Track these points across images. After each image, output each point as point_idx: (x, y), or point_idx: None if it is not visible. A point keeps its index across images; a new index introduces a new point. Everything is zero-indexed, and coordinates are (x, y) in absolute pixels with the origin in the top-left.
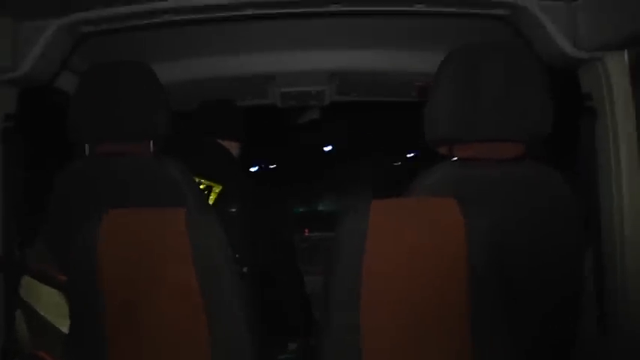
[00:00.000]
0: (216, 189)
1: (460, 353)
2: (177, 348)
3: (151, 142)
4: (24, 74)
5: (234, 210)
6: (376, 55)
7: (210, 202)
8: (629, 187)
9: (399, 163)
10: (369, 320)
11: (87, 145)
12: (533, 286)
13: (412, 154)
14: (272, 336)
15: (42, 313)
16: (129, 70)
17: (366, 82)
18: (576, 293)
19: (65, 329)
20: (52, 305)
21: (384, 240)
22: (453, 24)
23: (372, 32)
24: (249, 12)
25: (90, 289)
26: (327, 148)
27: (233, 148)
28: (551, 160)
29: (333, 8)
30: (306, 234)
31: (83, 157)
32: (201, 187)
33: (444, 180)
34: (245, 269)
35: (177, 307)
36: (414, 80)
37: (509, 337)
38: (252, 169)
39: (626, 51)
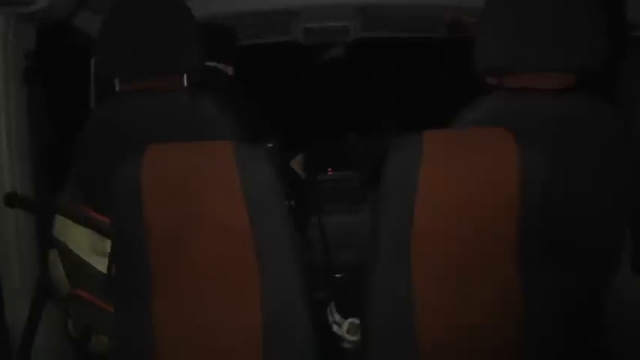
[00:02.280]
0: None
1: (508, 291)
2: (226, 285)
3: (184, 76)
4: (42, 8)
5: (271, 145)
6: None
7: None
8: None
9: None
10: (419, 254)
11: (117, 82)
12: (579, 220)
13: None
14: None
15: (77, 252)
16: (159, 3)
17: (392, 17)
18: (619, 232)
19: (101, 267)
20: (86, 244)
21: (438, 170)
22: None
23: None
24: None
25: (135, 225)
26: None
27: (228, 70)
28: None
29: None
30: (330, 173)
31: (114, 95)
32: None
33: (494, 110)
34: (293, 202)
35: (225, 242)
36: (442, 14)
37: (555, 275)
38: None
39: None
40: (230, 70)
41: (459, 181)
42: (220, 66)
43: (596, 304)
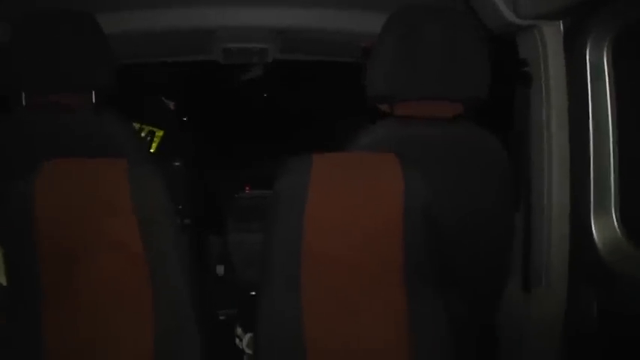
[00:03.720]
0: (159, 133)
1: (395, 309)
2: (118, 302)
3: (93, 93)
4: None
5: (178, 164)
6: (321, 13)
7: (153, 148)
8: (558, 150)
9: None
10: (308, 275)
11: (23, 95)
12: (465, 244)
13: None
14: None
15: None
16: (71, 19)
17: (311, 41)
18: (505, 253)
19: (2, 280)
20: None
21: (326, 193)
22: None
23: None
24: None
25: (25, 242)
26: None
27: (171, 105)
28: (485, 122)
29: None
30: (247, 191)
31: (19, 109)
32: (143, 134)
33: (384, 137)
34: (187, 221)
35: (117, 260)
36: (358, 40)
37: (441, 293)
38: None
39: (561, 21)
40: (172, 105)
41: (346, 203)
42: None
43: (488, 320)
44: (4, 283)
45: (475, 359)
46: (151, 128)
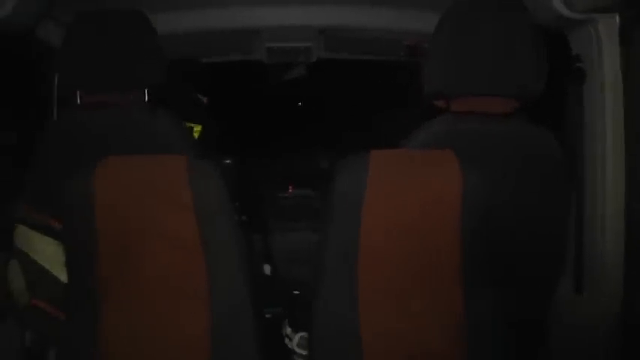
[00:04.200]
0: (197, 128)
1: (452, 311)
2: (175, 298)
3: (145, 91)
4: (3, 17)
5: (229, 161)
6: (365, 11)
7: None
8: (613, 149)
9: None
10: (364, 276)
11: (78, 95)
12: (520, 243)
13: None
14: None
15: (40, 262)
16: (123, 17)
17: (354, 40)
18: (560, 252)
19: (64, 277)
20: (49, 253)
21: (383, 192)
22: None
23: None
24: None
25: (85, 236)
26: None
27: (204, 100)
28: (541, 118)
29: None
30: (290, 190)
31: (73, 107)
32: None
33: (441, 133)
34: (244, 217)
35: (175, 255)
36: (403, 39)
37: (497, 293)
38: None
39: (617, 14)
40: (206, 100)
41: (404, 201)
42: (199, 96)
43: (538, 325)
44: (65, 280)
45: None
46: (188, 124)
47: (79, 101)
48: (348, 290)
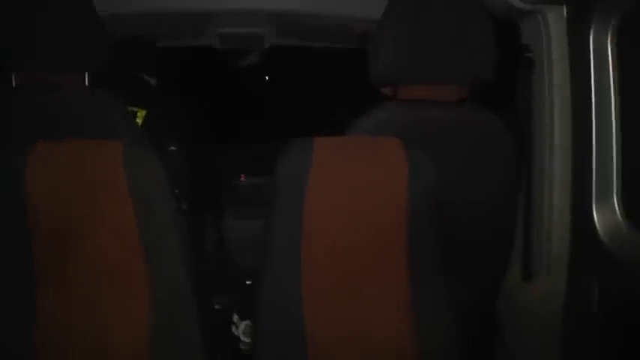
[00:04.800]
0: (141, 114)
1: (398, 294)
2: (113, 286)
3: (86, 73)
4: None
5: (173, 148)
6: None
7: None
8: (560, 136)
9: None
10: (308, 261)
11: (13, 75)
12: (469, 229)
13: None
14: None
15: None
16: None
17: (306, 26)
18: (508, 238)
19: None
20: None
21: (327, 177)
22: None
23: None
24: None
25: (16, 224)
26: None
27: (152, 81)
28: (490, 105)
29: None
30: (242, 179)
31: (9, 87)
32: None
33: (386, 120)
34: (184, 205)
35: (112, 243)
36: (355, 26)
37: (445, 279)
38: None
39: (564, 6)
40: (153, 82)
41: (348, 188)
42: (145, 77)
43: (489, 307)
44: None
45: (476, 345)
46: (131, 108)
47: (14, 81)
48: (292, 276)
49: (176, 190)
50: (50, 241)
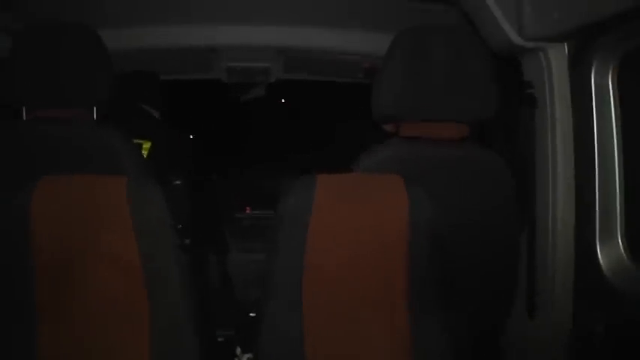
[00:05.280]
0: (146, 145)
1: (397, 330)
2: (114, 322)
3: (94, 108)
4: None
5: (178, 182)
6: (324, 33)
7: None
8: (563, 173)
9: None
10: (310, 296)
11: (24, 109)
12: (470, 265)
13: None
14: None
15: None
16: (73, 32)
17: (313, 61)
18: (510, 276)
19: None
20: None
21: (329, 214)
22: (402, 6)
23: (320, 10)
24: None
25: (21, 255)
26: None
27: (155, 114)
28: (490, 143)
29: None
30: (248, 212)
31: (19, 121)
32: None
33: (388, 158)
34: (187, 241)
35: (115, 279)
36: (361, 61)
37: (445, 316)
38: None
39: (566, 43)
40: (156, 114)
41: (349, 225)
42: (148, 108)
43: (492, 343)
44: None
45: None
46: (137, 140)
47: (24, 115)
48: (294, 312)
49: (179, 226)
50: (53, 276)
